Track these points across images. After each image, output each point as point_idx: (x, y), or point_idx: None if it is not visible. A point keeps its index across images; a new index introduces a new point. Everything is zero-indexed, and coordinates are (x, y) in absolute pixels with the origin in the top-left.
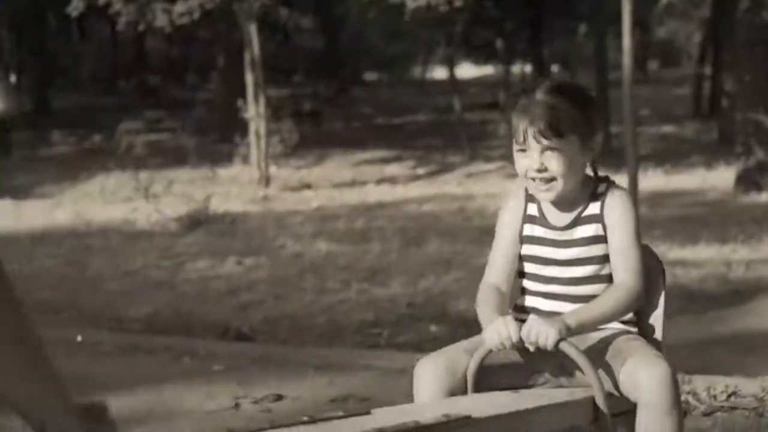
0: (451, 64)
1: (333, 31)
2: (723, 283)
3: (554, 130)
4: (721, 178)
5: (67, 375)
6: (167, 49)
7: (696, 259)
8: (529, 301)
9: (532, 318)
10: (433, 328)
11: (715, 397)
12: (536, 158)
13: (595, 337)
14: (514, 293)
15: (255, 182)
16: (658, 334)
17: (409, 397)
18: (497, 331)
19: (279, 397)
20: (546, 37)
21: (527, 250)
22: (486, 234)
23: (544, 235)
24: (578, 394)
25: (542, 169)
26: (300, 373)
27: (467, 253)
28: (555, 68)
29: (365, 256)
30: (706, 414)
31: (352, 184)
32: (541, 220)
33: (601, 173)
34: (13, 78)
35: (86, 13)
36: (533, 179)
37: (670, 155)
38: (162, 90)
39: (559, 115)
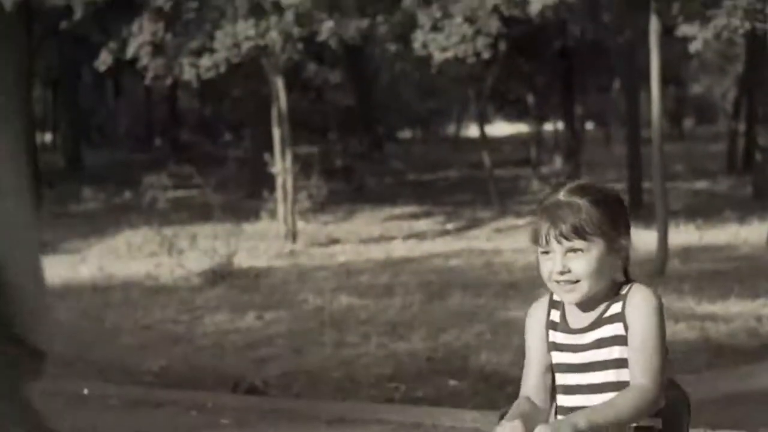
0: (482, 119)
1: (365, 87)
2: (753, 337)
3: (577, 232)
4: (754, 233)
5: (70, 428)
6: (200, 107)
7: (726, 313)
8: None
9: (541, 426)
10: (452, 382)
11: None
12: (559, 260)
13: None
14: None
15: (281, 238)
16: None
17: None
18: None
19: None
20: (579, 93)
21: (555, 358)
22: (511, 288)
23: (564, 340)
24: None
25: (565, 272)
26: (311, 428)
27: (491, 306)
28: (589, 125)
29: (387, 309)
30: None
31: (380, 239)
32: (562, 325)
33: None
34: (48, 135)
35: (120, 71)
36: (557, 282)
37: (703, 210)
38: (194, 147)
39: (582, 216)
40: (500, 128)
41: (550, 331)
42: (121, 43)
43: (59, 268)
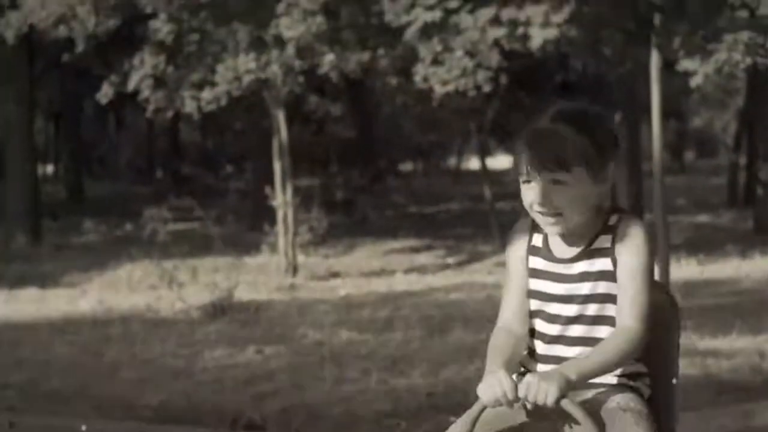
0: (483, 152)
1: (367, 120)
2: (756, 373)
3: (559, 163)
4: (756, 267)
5: None
6: (202, 139)
7: (728, 349)
8: (533, 343)
9: (530, 375)
10: (452, 418)
11: None
12: (540, 192)
13: (592, 398)
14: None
15: (282, 271)
16: (672, 378)
17: None
18: (492, 388)
19: None
20: None
21: (532, 284)
22: None
23: (545, 267)
24: None
25: (546, 203)
26: None
27: None
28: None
29: (387, 344)
30: None
31: (381, 272)
32: (543, 251)
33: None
34: (50, 166)
35: (122, 103)
36: (539, 212)
37: (705, 244)
38: (196, 179)
39: (565, 145)
40: (501, 161)
41: (530, 257)
42: (122, 76)
43: (59, 302)
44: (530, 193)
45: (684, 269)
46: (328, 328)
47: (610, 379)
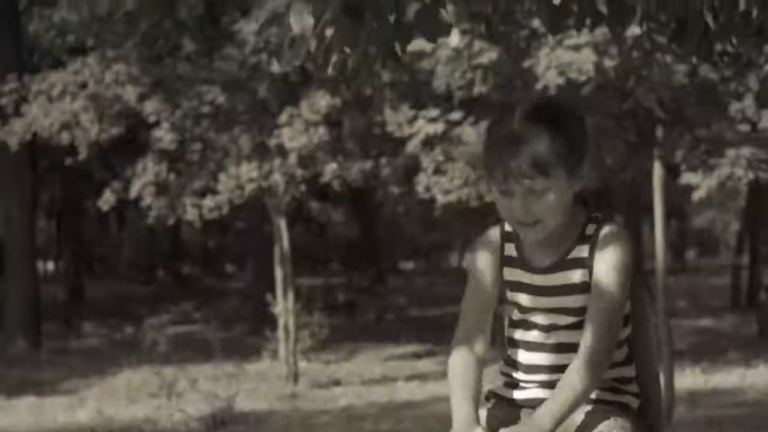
0: None
1: (368, 220)
2: None
3: (538, 169)
4: (761, 377)
5: None
6: (203, 239)
7: None
8: (513, 352)
9: (505, 431)
10: None
11: None
12: (520, 202)
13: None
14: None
15: (283, 378)
16: (655, 371)
17: None
18: None
19: None
20: None
21: (510, 296)
22: None
23: (523, 279)
24: None
25: (527, 213)
26: None
27: None
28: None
29: None
30: None
31: (382, 380)
32: (520, 261)
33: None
34: (50, 263)
35: (123, 202)
36: (518, 223)
37: (708, 351)
38: (198, 279)
39: (542, 149)
40: None
41: (506, 268)
42: (124, 183)
43: (56, 411)
44: (506, 203)
45: (688, 378)
46: None
47: (597, 393)
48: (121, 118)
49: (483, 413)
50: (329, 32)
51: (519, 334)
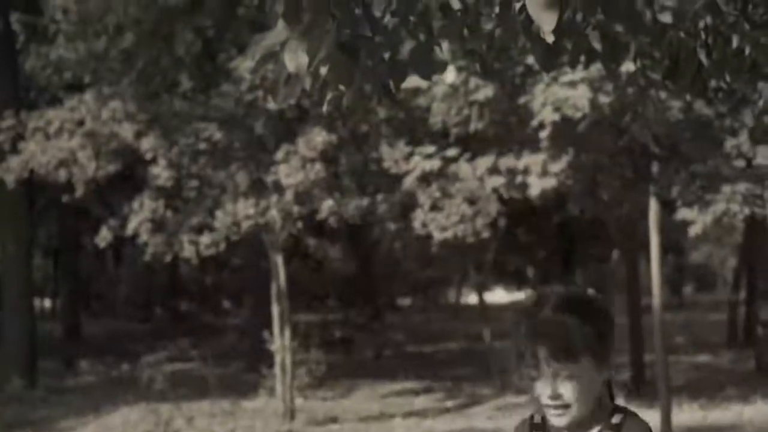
0: (480, 291)
1: (365, 257)
2: None
3: (568, 354)
4: (759, 413)
5: None
6: (200, 276)
7: None
8: None
9: None
10: None
11: None
12: (550, 385)
13: None
14: None
15: (280, 416)
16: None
17: None
18: None
19: None
20: (578, 262)
21: None
22: None
23: None
24: None
25: (556, 396)
26: None
27: None
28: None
29: None
30: None
31: (380, 417)
32: None
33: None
34: (47, 300)
35: (120, 239)
36: (548, 405)
37: (706, 387)
38: (195, 316)
39: (571, 336)
40: (500, 295)
41: None
42: (121, 220)
43: None
44: (540, 387)
45: (686, 414)
46: None
47: None
48: (118, 155)
49: None
50: (324, 70)
51: None
